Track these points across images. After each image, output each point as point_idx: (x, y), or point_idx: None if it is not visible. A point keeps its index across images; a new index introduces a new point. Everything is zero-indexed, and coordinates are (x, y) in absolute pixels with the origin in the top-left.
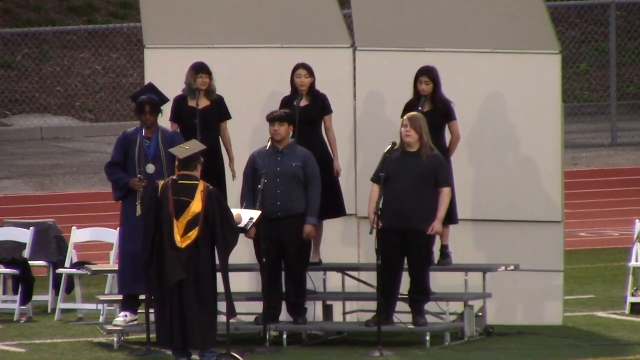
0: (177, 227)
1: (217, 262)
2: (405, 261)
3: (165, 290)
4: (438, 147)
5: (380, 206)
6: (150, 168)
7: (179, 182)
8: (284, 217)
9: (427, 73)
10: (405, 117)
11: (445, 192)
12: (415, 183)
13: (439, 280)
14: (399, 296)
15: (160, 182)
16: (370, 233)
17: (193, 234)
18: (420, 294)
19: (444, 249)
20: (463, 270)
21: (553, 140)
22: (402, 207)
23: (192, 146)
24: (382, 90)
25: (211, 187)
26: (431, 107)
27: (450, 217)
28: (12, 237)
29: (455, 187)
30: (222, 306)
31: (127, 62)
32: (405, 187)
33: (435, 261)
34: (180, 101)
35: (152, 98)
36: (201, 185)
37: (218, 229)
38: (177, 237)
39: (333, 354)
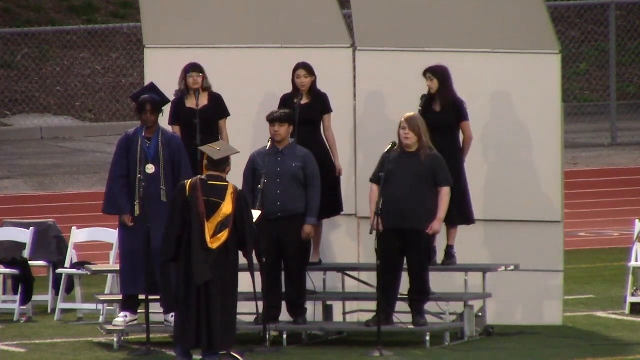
0: (208, 228)
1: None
2: (405, 261)
3: (191, 290)
4: (451, 147)
5: (380, 207)
6: (150, 168)
7: (209, 182)
8: (284, 217)
9: (431, 70)
10: (402, 119)
11: (445, 191)
12: (414, 183)
13: (439, 280)
14: (399, 296)
15: (187, 182)
16: (370, 233)
17: (223, 235)
18: (420, 294)
19: (449, 249)
20: (463, 270)
21: (553, 140)
22: (402, 207)
23: (224, 148)
24: (382, 90)
25: (239, 188)
26: (441, 107)
27: (462, 218)
28: (12, 237)
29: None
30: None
31: (127, 62)
32: (404, 187)
33: (440, 261)
34: (178, 103)
35: (154, 97)
36: (231, 187)
37: (247, 231)
38: (208, 239)
39: (333, 354)
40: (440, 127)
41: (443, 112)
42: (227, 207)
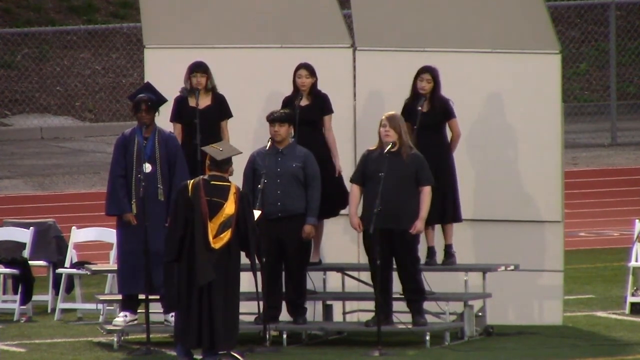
0: (210, 229)
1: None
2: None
3: (193, 290)
4: (440, 145)
5: (380, 207)
6: (148, 167)
7: (212, 182)
8: (284, 217)
9: (430, 71)
10: (383, 116)
11: (427, 190)
12: (398, 183)
13: (439, 280)
14: (398, 296)
15: (190, 182)
16: (371, 232)
17: (226, 235)
18: (414, 294)
19: (448, 248)
20: (463, 270)
21: (553, 140)
22: (387, 207)
23: (227, 148)
24: (382, 90)
25: (241, 189)
26: (429, 107)
27: (454, 216)
28: (12, 237)
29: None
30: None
31: (127, 62)
32: (389, 187)
33: (440, 261)
34: (180, 101)
35: (149, 97)
36: (233, 187)
37: (249, 231)
38: (210, 239)
39: (333, 354)
40: (429, 126)
41: (431, 112)
42: (229, 208)
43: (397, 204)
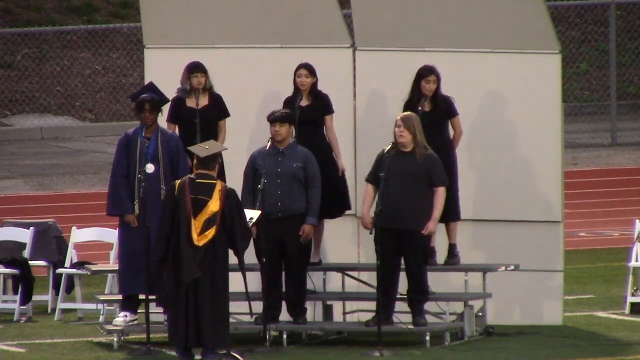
0: (195, 226)
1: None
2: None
3: (180, 288)
4: (444, 144)
5: (380, 207)
6: (150, 168)
7: (197, 180)
8: (285, 217)
9: (435, 72)
10: (398, 117)
11: (440, 191)
12: (410, 183)
13: (439, 280)
14: (399, 296)
15: (177, 181)
16: (370, 233)
17: (210, 232)
18: (418, 294)
19: (451, 248)
20: (463, 270)
21: (553, 140)
22: (397, 207)
23: (212, 146)
24: (382, 90)
25: (228, 187)
26: (432, 106)
27: (456, 215)
28: (12, 237)
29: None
30: (234, 306)
31: (127, 62)
32: (400, 187)
33: (442, 260)
34: (178, 102)
35: (152, 97)
36: (219, 184)
37: (237, 229)
38: (194, 236)
39: (333, 354)
40: (433, 125)
41: (434, 111)
42: (214, 205)
43: (407, 204)
